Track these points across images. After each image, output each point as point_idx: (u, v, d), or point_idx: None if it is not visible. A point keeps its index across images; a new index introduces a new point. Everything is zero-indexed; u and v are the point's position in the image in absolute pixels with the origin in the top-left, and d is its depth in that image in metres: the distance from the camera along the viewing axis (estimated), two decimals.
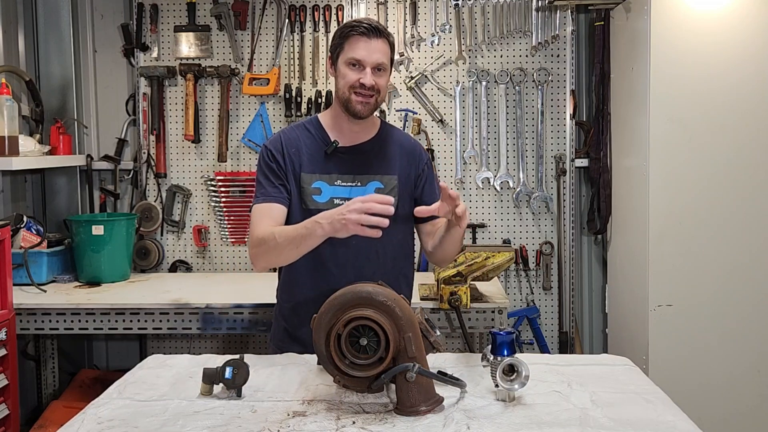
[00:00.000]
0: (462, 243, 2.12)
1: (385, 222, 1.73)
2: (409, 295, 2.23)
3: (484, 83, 3.58)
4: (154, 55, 3.63)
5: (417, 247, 2.31)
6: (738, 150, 2.96)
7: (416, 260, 3.54)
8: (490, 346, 1.74)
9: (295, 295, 2.14)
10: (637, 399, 1.67)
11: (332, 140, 2.10)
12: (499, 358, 1.68)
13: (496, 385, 1.67)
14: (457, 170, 3.62)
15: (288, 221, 2.07)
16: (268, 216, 2.02)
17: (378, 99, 2.04)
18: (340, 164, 2.10)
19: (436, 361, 1.89)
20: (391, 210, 1.74)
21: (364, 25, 2.00)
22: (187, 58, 3.62)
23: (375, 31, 2.00)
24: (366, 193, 2.08)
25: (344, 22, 2.08)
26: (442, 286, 2.80)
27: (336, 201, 2.06)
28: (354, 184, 2.09)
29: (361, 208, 1.73)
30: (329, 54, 2.11)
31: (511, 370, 1.65)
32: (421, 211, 1.87)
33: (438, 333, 1.75)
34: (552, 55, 3.60)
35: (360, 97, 2.01)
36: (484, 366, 1.86)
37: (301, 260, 2.07)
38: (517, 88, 3.59)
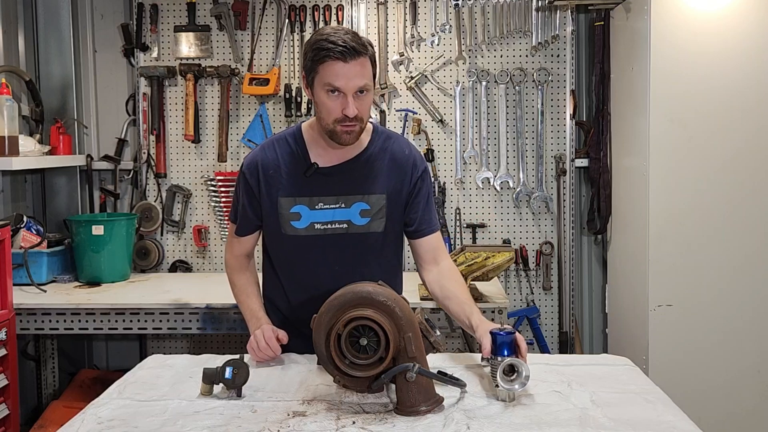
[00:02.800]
0: None
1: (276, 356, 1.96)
2: None
3: (484, 83, 3.58)
4: (154, 55, 3.63)
5: (407, 252, 2.25)
6: (738, 150, 2.96)
7: (410, 262, 3.53)
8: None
9: (279, 314, 2.10)
10: (637, 399, 1.67)
11: (312, 162, 1.95)
12: (499, 359, 1.68)
13: (496, 385, 1.67)
14: (457, 170, 3.62)
15: (269, 245, 2.08)
16: (237, 245, 2.13)
17: (362, 125, 1.88)
18: (322, 185, 1.96)
19: (436, 361, 1.89)
20: (275, 355, 1.95)
21: (339, 46, 1.77)
22: (187, 58, 3.62)
23: (352, 52, 1.78)
24: (350, 215, 1.96)
25: (316, 33, 1.87)
26: None
27: (317, 226, 1.96)
28: (338, 205, 1.96)
29: (253, 344, 1.98)
30: (303, 73, 1.91)
31: (511, 370, 1.65)
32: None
33: (438, 333, 1.75)
34: (552, 55, 3.60)
35: (346, 127, 1.84)
36: (484, 366, 1.86)
37: (284, 285, 2.07)
38: (517, 88, 3.58)
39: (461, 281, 2.04)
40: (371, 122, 2.08)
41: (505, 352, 1.69)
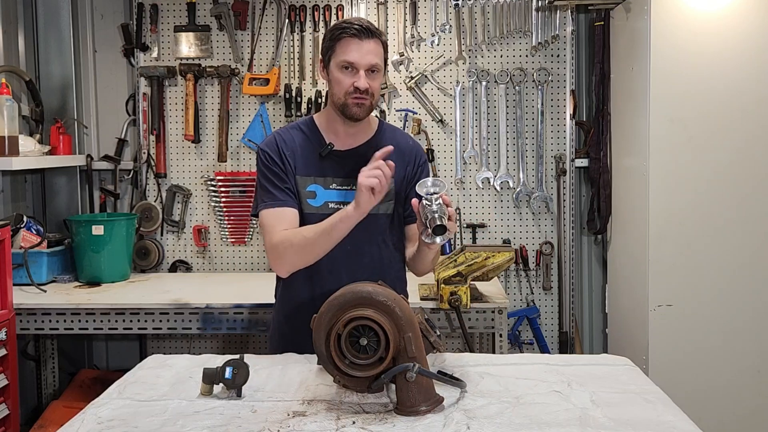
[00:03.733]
0: (433, 265, 2.14)
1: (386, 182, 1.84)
2: (406, 297, 2.21)
3: (484, 83, 3.58)
4: (154, 55, 3.63)
5: None
6: (738, 150, 2.96)
7: None
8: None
9: (291, 301, 2.12)
10: (637, 399, 1.67)
11: (327, 143, 2.06)
12: (424, 200, 1.75)
13: (432, 223, 1.72)
14: (457, 170, 3.62)
15: None
16: (283, 220, 1.99)
17: (372, 102, 1.99)
18: (335, 167, 2.05)
19: (436, 361, 1.89)
20: (389, 172, 1.84)
21: (355, 26, 1.94)
22: (187, 58, 3.62)
23: (366, 31, 1.93)
24: None
25: (334, 23, 2.03)
26: (442, 286, 2.80)
27: (331, 205, 2.03)
28: (349, 188, 2.03)
29: (369, 174, 1.83)
30: (320, 57, 2.05)
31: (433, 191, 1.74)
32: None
33: (438, 333, 1.75)
34: (552, 55, 3.60)
35: (357, 99, 1.95)
36: (425, 237, 1.80)
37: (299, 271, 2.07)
38: (517, 88, 3.59)
39: None
40: (376, 116, 2.18)
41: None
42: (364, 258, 2.04)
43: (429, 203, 1.74)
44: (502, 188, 3.62)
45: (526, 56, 3.60)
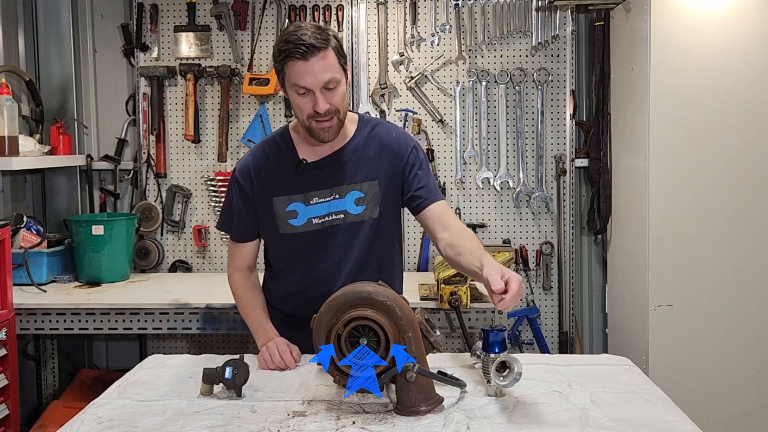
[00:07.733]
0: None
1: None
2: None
3: (484, 83, 3.58)
4: (154, 55, 3.63)
5: (407, 247, 2.27)
6: (738, 150, 2.96)
7: (410, 262, 3.54)
8: (480, 343, 1.74)
9: (281, 308, 2.13)
10: (637, 399, 1.67)
11: (300, 159, 1.98)
12: (491, 356, 1.68)
13: (488, 381, 1.68)
14: (457, 170, 3.62)
15: (269, 247, 2.11)
16: (239, 256, 2.11)
17: (340, 117, 1.89)
18: (314, 179, 1.98)
19: (436, 361, 1.89)
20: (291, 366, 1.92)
21: (298, 45, 1.78)
22: (187, 58, 3.62)
23: (311, 49, 1.78)
24: (346, 205, 1.98)
25: (282, 33, 1.90)
26: (442, 286, 2.80)
27: (314, 221, 1.98)
28: (332, 197, 1.98)
29: (266, 355, 1.94)
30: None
31: (503, 367, 1.65)
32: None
33: (438, 333, 1.75)
34: (552, 55, 3.60)
35: (321, 123, 1.86)
36: (474, 364, 1.85)
37: (284, 276, 2.09)
38: (517, 88, 3.58)
39: (472, 236, 1.98)
40: (356, 113, 2.10)
41: (497, 350, 1.69)
42: (353, 266, 2.00)
43: (499, 374, 1.65)
44: (502, 188, 3.62)
45: (526, 56, 3.60)
